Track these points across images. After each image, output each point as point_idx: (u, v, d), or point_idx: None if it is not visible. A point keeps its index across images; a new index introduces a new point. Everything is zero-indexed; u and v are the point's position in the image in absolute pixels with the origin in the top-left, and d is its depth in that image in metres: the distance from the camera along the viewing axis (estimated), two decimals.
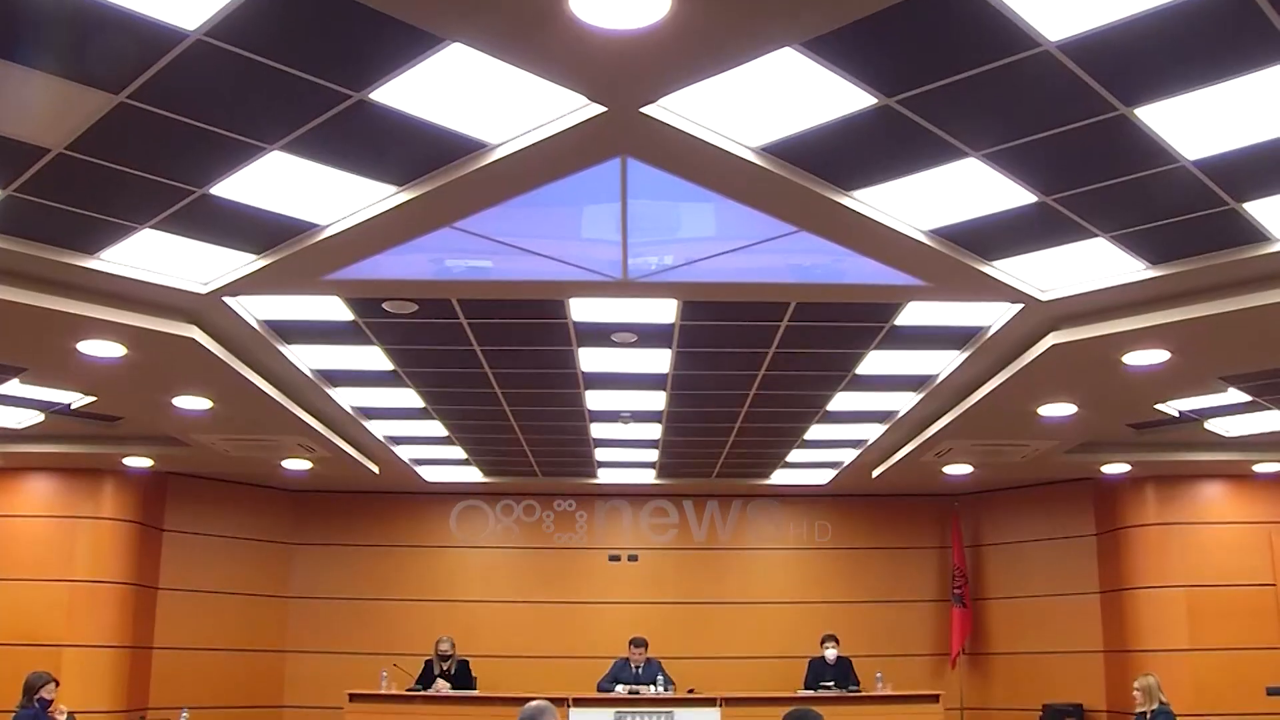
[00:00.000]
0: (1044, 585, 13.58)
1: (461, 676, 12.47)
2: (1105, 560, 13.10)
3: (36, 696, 9.21)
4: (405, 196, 5.55)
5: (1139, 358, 7.80)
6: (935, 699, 12.30)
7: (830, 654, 12.63)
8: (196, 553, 13.34)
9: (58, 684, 9.47)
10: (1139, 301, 7.01)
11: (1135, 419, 10.18)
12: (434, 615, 13.74)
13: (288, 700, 13.91)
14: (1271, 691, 11.68)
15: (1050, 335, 7.54)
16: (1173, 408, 9.60)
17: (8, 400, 9.54)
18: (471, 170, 5.26)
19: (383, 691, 12.21)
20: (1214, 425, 10.32)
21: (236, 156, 5.20)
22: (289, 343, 8.23)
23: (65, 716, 9.52)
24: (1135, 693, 9.72)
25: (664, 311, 7.41)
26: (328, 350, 8.47)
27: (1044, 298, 6.98)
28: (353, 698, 12.10)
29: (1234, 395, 9.13)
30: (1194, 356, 7.83)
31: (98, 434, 10.96)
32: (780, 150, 5.17)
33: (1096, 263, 6.51)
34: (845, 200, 5.60)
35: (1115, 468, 12.08)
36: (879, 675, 12.51)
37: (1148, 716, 9.45)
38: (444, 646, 12.56)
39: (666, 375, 8.93)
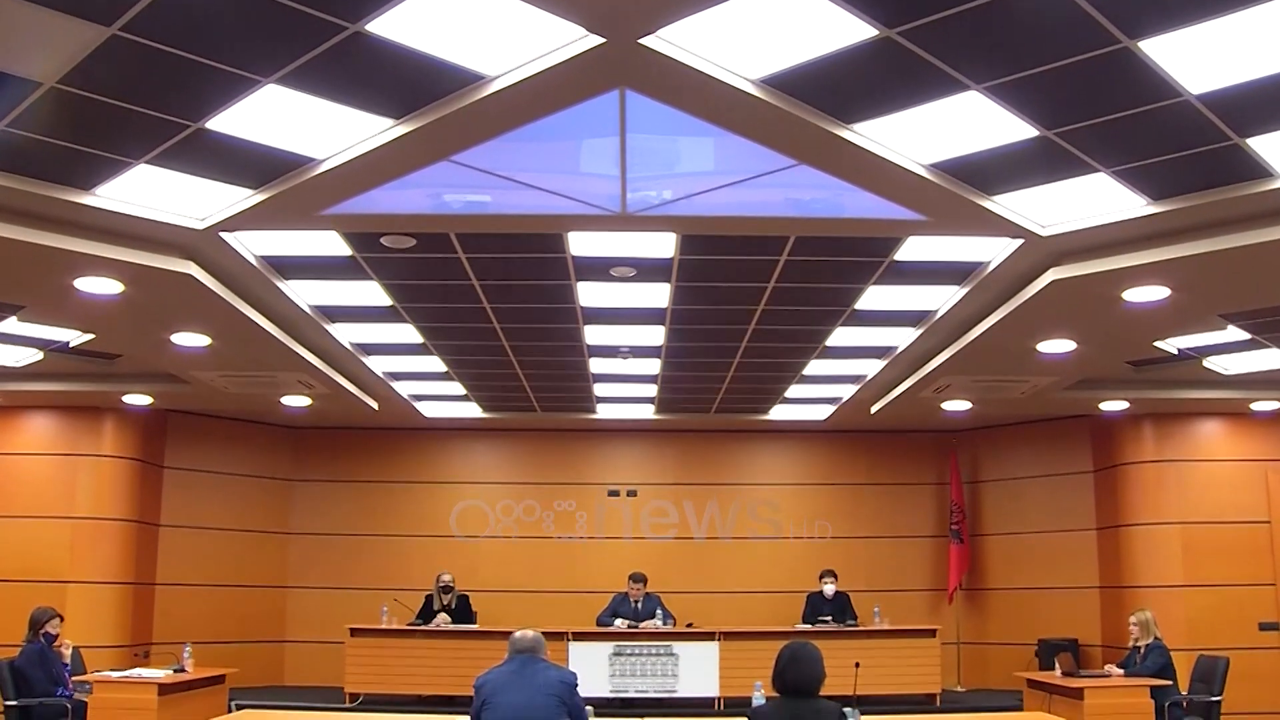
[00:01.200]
0: (1041, 521, 13.66)
1: (462, 611, 12.57)
2: (1102, 497, 13.17)
3: (42, 631, 9.30)
4: (402, 130, 5.51)
5: (1139, 294, 7.79)
6: (932, 633, 12.41)
7: (828, 589, 12.72)
8: (197, 489, 13.41)
9: (62, 619, 9.56)
10: (1140, 237, 6.98)
11: (1134, 356, 10.18)
12: (434, 550, 13.84)
13: (289, 635, 14.05)
14: (1264, 626, 11.84)
15: (1050, 271, 7.51)
16: (1172, 345, 9.59)
17: (6, 338, 9.53)
18: (469, 103, 5.22)
19: (383, 626, 12.32)
20: (1212, 363, 10.31)
21: (232, 90, 5.16)
22: (287, 278, 8.21)
23: (70, 651, 9.63)
24: (1130, 627, 9.81)
25: (663, 246, 7.38)
26: (326, 286, 8.45)
27: (1044, 233, 6.95)
28: (354, 632, 12.21)
29: (1233, 333, 9.12)
30: (1194, 293, 7.81)
31: (97, 372, 10.97)
32: (780, 82, 5.12)
33: (1097, 198, 6.47)
34: (845, 133, 5.56)
35: (1113, 405, 12.10)
36: (877, 610, 12.61)
37: (1142, 651, 9.53)
38: (444, 581, 12.65)
39: (665, 310, 8.91)
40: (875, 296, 8.51)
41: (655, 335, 9.76)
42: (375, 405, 12.52)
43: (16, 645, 9.37)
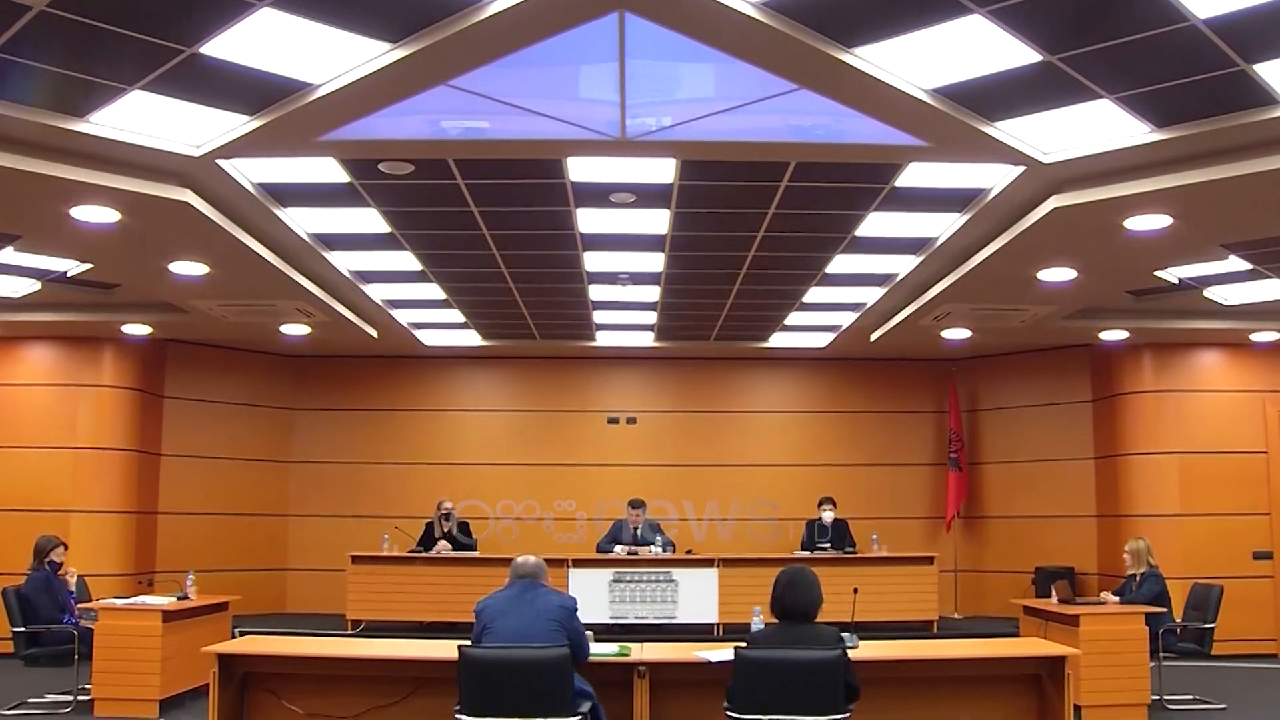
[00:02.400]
0: (1039, 450, 13.71)
1: (462, 538, 12.65)
2: (1100, 426, 13.21)
3: (47, 559, 9.36)
4: (399, 54, 5.45)
5: (1141, 223, 7.76)
6: (930, 561, 12.49)
7: (827, 516, 12.78)
8: (198, 419, 13.45)
9: (66, 547, 9.62)
10: (1143, 165, 6.93)
11: (1135, 285, 10.15)
12: (435, 478, 13.89)
13: (291, 563, 14.15)
14: (1258, 555, 11.92)
15: (1052, 198, 7.47)
16: (1172, 275, 9.57)
17: (3, 269, 9.50)
18: (466, 26, 5.15)
19: (384, 554, 12.40)
20: (1213, 293, 10.30)
21: (226, 13, 5.09)
22: (284, 206, 8.16)
23: (75, 579, 9.69)
24: (1125, 556, 9.86)
25: (663, 171, 7.33)
26: (324, 213, 8.40)
27: (1046, 160, 6.90)
28: (355, 560, 12.29)
29: (1235, 263, 9.10)
30: (1196, 222, 7.78)
31: (95, 301, 10.94)
32: (780, 5, 5.06)
33: (1100, 125, 6.42)
34: (846, 57, 5.50)
35: (1113, 334, 12.10)
36: (875, 537, 12.69)
37: (1137, 579, 9.60)
38: (445, 508, 12.71)
39: (665, 236, 8.88)
40: (875, 223, 8.47)
41: (655, 261, 9.74)
42: (375, 333, 12.51)
43: (22, 574, 9.43)
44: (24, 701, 9.09)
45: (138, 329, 11.96)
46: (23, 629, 8.99)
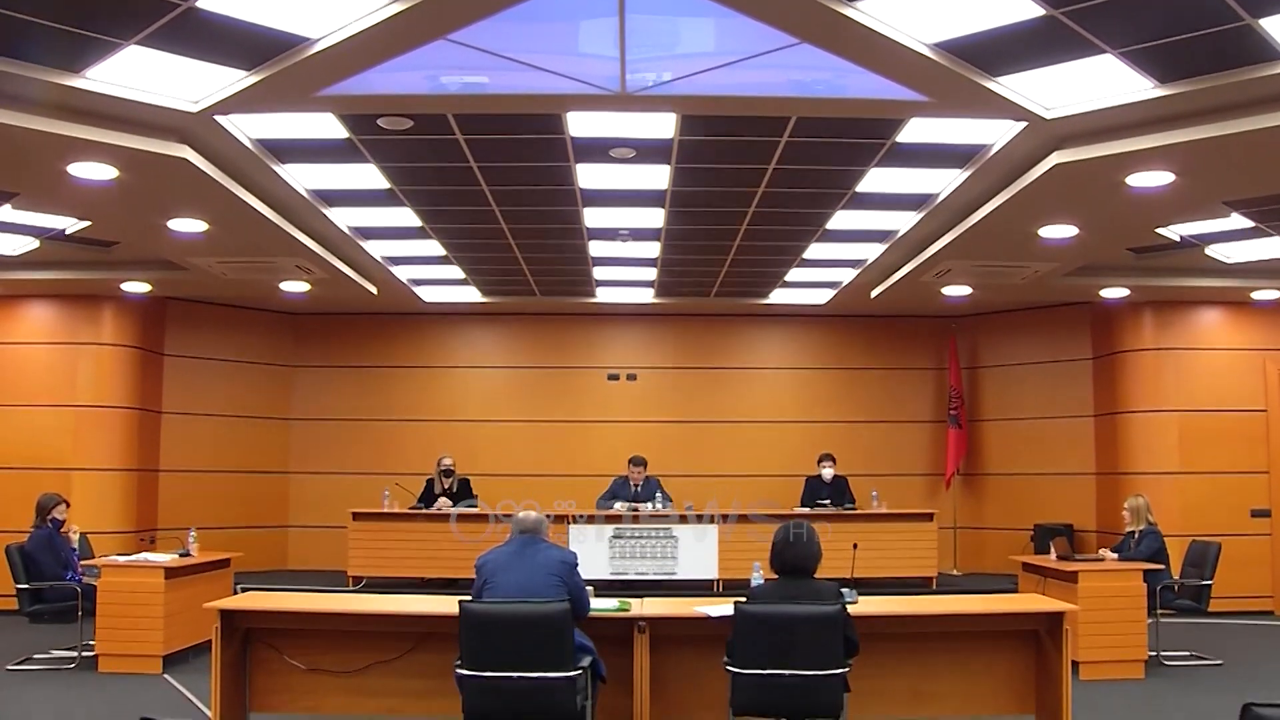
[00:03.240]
0: (1039, 408, 13.73)
1: (463, 494, 12.68)
2: (1100, 384, 13.21)
3: (49, 517, 9.41)
4: (398, 7, 5.41)
5: (1143, 179, 7.73)
6: (929, 517, 12.54)
7: (827, 473, 12.82)
8: (198, 376, 13.45)
9: (68, 505, 9.67)
10: (1145, 121, 6.88)
11: (1136, 243, 10.13)
12: (435, 434, 13.91)
13: (292, 520, 14.20)
14: (1256, 513, 11.96)
15: (1053, 155, 7.43)
16: (1174, 232, 9.55)
17: (1, 226, 9.48)
18: None
19: (385, 510, 12.45)
20: (1214, 251, 10.27)
21: None
22: (283, 162, 8.13)
23: (77, 536, 9.74)
24: (1124, 513, 9.89)
25: (663, 126, 7.29)
26: (323, 169, 8.37)
27: (1048, 116, 6.86)
28: (356, 516, 12.34)
29: (1237, 220, 9.08)
30: (1198, 179, 7.76)
31: (94, 259, 10.93)
32: None
33: (1103, 80, 6.37)
34: (848, 11, 5.45)
35: (1114, 292, 12.08)
36: (874, 494, 12.73)
37: (1136, 536, 9.63)
38: (445, 464, 12.74)
39: (665, 192, 8.85)
40: (876, 179, 8.44)
41: (655, 217, 9.71)
42: (374, 290, 12.49)
43: (25, 531, 9.49)
44: (30, 657, 9.17)
45: (137, 287, 11.94)
46: (26, 586, 9.06)
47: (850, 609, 5.74)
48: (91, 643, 8.93)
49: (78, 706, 7.67)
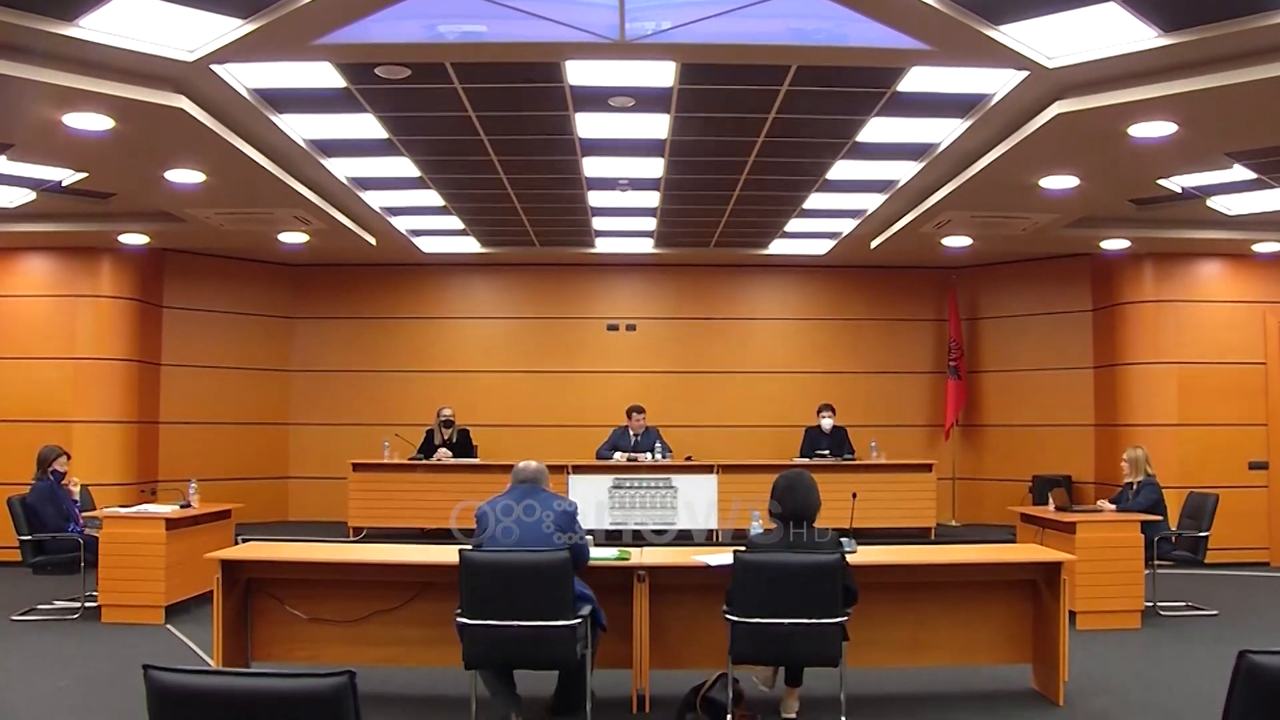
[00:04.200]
0: (1038, 359, 13.73)
1: (462, 445, 12.73)
2: (1100, 336, 13.21)
3: (50, 469, 9.44)
4: None
5: (1145, 130, 7.68)
6: (928, 468, 12.59)
7: (826, 423, 12.85)
8: (197, 329, 13.44)
9: (69, 457, 9.69)
10: (1148, 71, 6.83)
11: (1137, 194, 10.09)
12: (434, 385, 13.93)
13: (293, 471, 14.24)
14: (1254, 465, 11.99)
15: (1055, 104, 7.38)
16: (1176, 183, 9.50)
17: None
18: None
19: (385, 461, 12.48)
20: (1216, 203, 10.23)
21: None
22: (280, 112, 8.07)
23: (79, 488, 9.77)
24: (1123, 464, 9.91)
25: (662, 75, 7.24)
26: (320, 119, 8.31)
27: (1050, 65, 6.80)
28: (356, 467, 12.39)
29: (1239, 172, 9.04)
30: (1201, 130, 7.71)
31: (92, 211, 10.89)
32: None
33: (1106, 29, 6.31)
34: None
35: (1114, 243, 12.05)
36: (874, 444, 12.77)
37: (1134, 488, 9.65)
38: (445, 415, 12.77)
39: (665, 141, 8.80)
40: (877, 129, 8.39)
41: (654, 167, 9.66)
42: (373, 241, 12.45)
43: (26, 483, 9.51)
44: (34, 608, 9.23)
45: (135, 239, 11.90)
46: (29, 537, 9.10)
47: (849, 559, 5.77)
48: (94, 593, 8.98)
49: (81, 656, 7.71)
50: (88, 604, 9.04)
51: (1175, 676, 7.29)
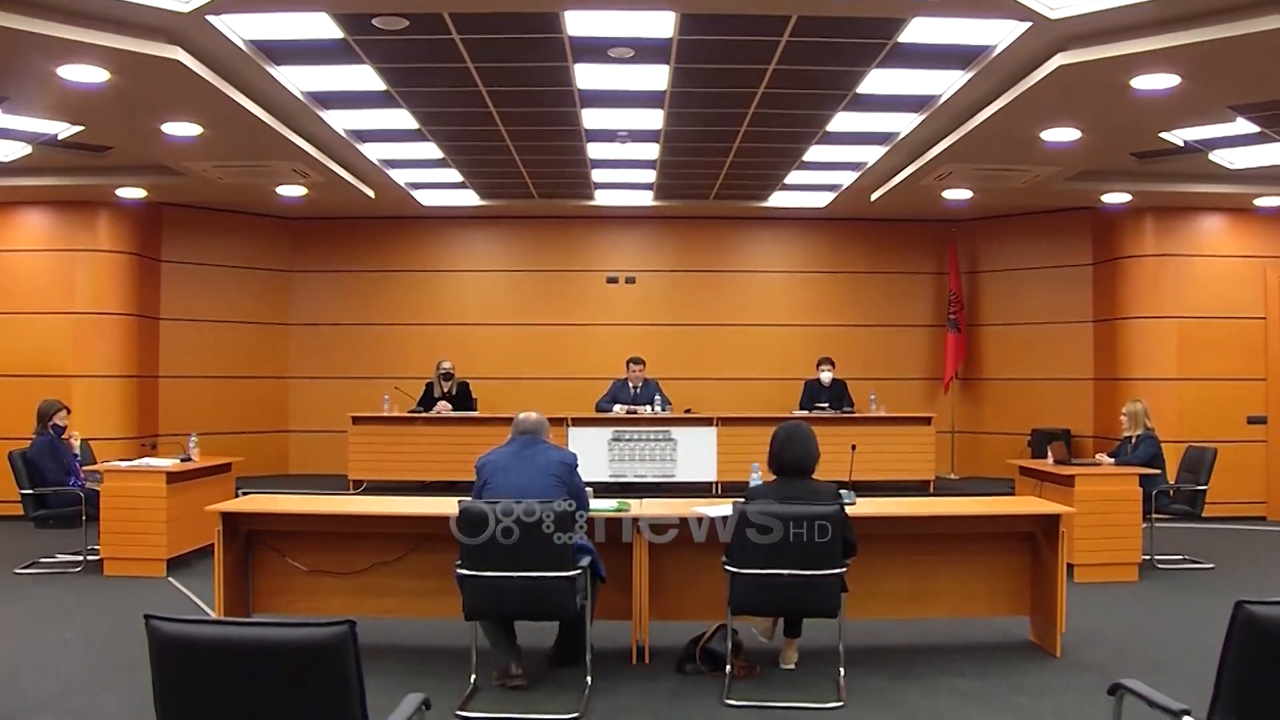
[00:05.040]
0: (1038, 313, 13.73)
1: (462, 398, 12.76)
2: (1100, 290, 13.19)
3: (50, 423, 9.45)
4: None
5: (1148, 82, 7.64)
6: (928, 421, 12.63)
7: (825, 376, 12.86)
8: (196, 283, 13.43)
9: (69, 411, 9.70)
10: (1152, 22, 6.79)
11: (1139, 148, 10.04)
12: (434, 339, 13.94)
13: (292, 425, 14.27)
14: (1252, 420, 12.01)
15: (1058, 56, 7.33)
16: (1178, 137, 9.45)
17: None
18: None
19: (385, 414, 12.50)
20: (1218, 157, 10.18)
21: None
22: (277, 64, 8.01)
23: (79, 442, 9.78)
24: (1122, 418, 9.92)
25: (662, 25, 7.18)
26: (318, 71, 8.26)
27: (1053, 15, 6.75)
28: (356, 420, 12.42)
29: (1242, 126, 8.98)
30: (1205, 82, 7.66)
31: (88, 165, 10.83)
32: None
33: None
34: None
35: (1115, 197, 12.01)
36: (873, 397, 12.80)
37: (1133, 441, 9.67)
38: (445, 368, 12.78)
39: (664, 93, 8.75)
40: (878, 80, 8.34)
41: (654, 119, 9.61)
42: (372, 194, 12.41)
43: (26, 438, 9.53)
44: (36, 561, 9.26)
45: (132, 193, 11.85)
46: (30, 491, 9.12)
47: (848, 510, 5.77)
48: (96, 547, 9.01)
49: (84, 609, 7.75)
50: (89, 557, 9.07)
51: (1172, 629, 7.33)
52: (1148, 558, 9.23)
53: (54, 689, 5.79)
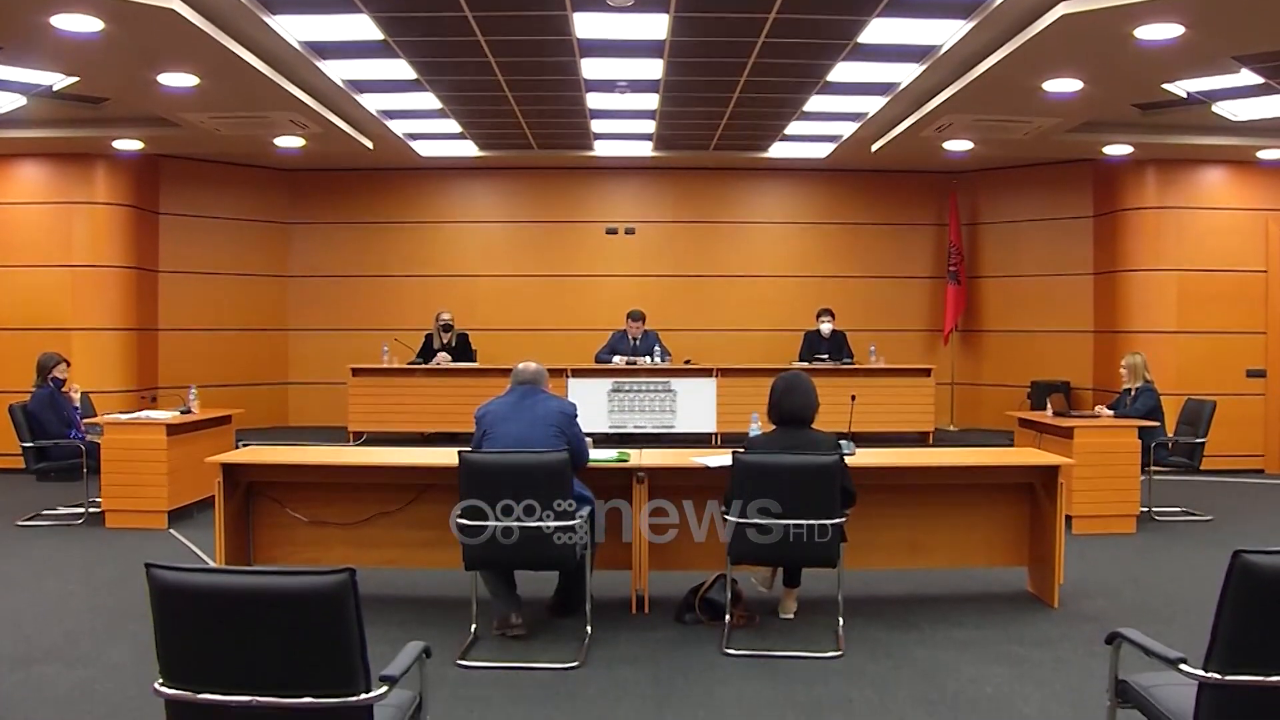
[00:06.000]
0: (1039, 265, 13.70)
1: (461, 349, 12.76)
2: (1101, 242, 13.16)
3: (50, 375, 9.48)
4: None
5: (1151, 32, 7.57)
6: (927, 373, 12.64)
7: (825, 327, 12.86)
8: (194, 235, 13.39)
9: (69, 364, 9.71)
10: None
11: (1142, 99, 9.97)
12: (433, 290, 13.92)
13: (292, 377, 14.27)
14: (1251, 373, 12.01)
15: (1060, 5, 7.28)
16: (1181, 88, 9.38)
17: None
18: None
19: (384, 365, 12.51)
20: (1222, 108, 10.11)
21: None
22: (274, 13, 7.94)
23: (79, 395, 9.80)
24: (1122, 371, 9.93)
25: None
26: (315, 20, 8.18)
27: None
28: (355, 372, 12.43)
29: (1246, 77, 8.91)
30: (1209, 32, 7.60)
31: (85, 116, 10.78)
32: None
33: None
34: None
35: (1117, 149, 11.95)
36: (873, 349, 12.80)
37: (1132, 394, 9.68)
38: (444, 319, 12.77)
39: (664, 42, 8.68)
40: (879, 29, 8.27)
41: (653, 69, 9.54)
42: (370, 144, 12.34)
43: (26, 391, 9.55)
44: (38, 513, 9.29)
45: (129, 144, 11.78)
46: (31, 444, 9.14)
47: (848, 460, 5.78)
48: (97, 499, 9.05)
49: (86, 560, 7.79)
50: (91, 509, 9.10)
51: (1169, 580, 7.36)
52: (1146, 510, 9.27)
53: (58, 639, 5.83)
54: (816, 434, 5.86)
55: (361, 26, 8.23)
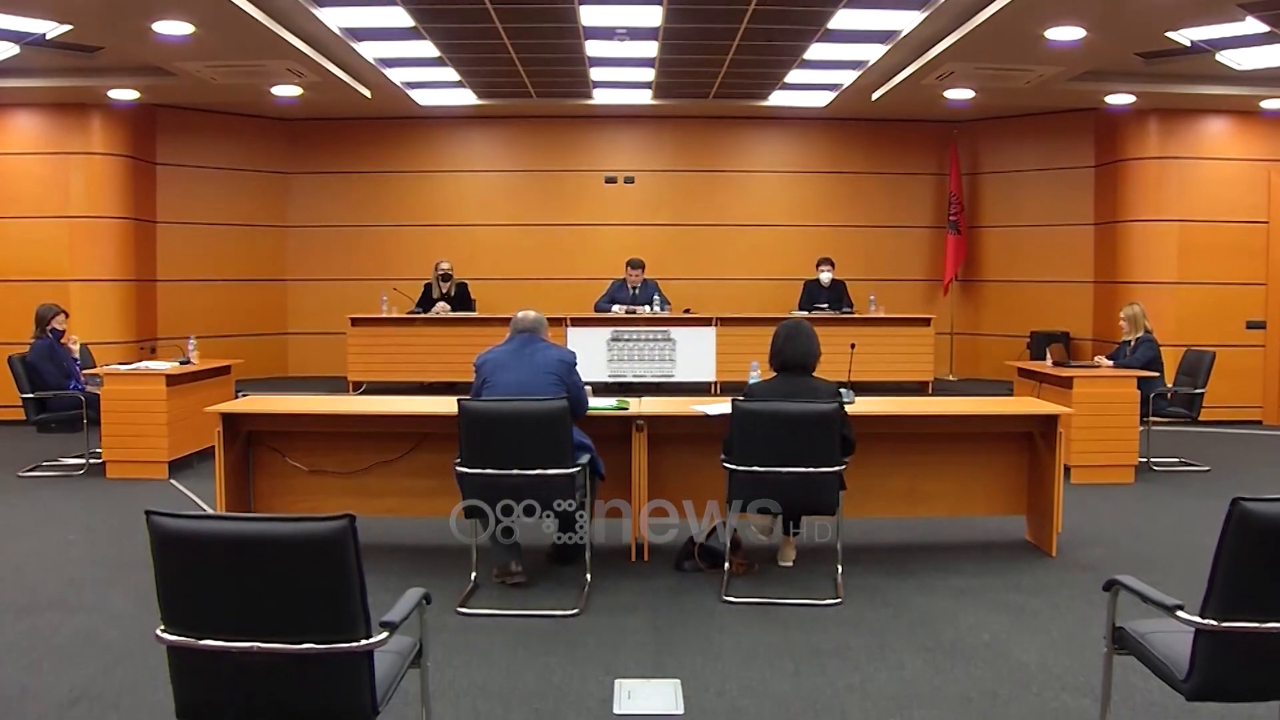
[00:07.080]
0: (1039, 215, 13.66)
1: (461, 299, 12.74)
2: (1101, 192, 13.11)
3: (49, 327, 9.48)
4: None
5: None
6: (927, 322, 12.64)
7: (825, 276, 12.84)
8: (192, 185, 13.33)
9: (67, 315, 9.71)
10: None
11: (1145, 47, 9.89)
12: (432, 240, 13.87)
13: (291, 327, 14.26)
14: (1251, 325, 12.01)
15: None
16: (1185, 36, 9.30)
17: None
18: None
19: (383, 315, 12.50)
20: (1226, 57, 10.02)
21: None
22: None
23: (78, 346, 9.80)
24: (1121, 321, 9.92)
25: None
26: None
27: None
28: (354, 322, 12.41)
29: (1251, 25, 8.82)
30: None
31: (79, 66, 10.69)
32: None
33: None
34: None
35: (1119, 98, 11.88)
36: (872, 298, 12.80)
37: (1132, 344, 9.67)
38: (443, 268, 12.75)
39: None
40: None
41: (652, 15, 9.46)
42: (368, 94, 12.25)
43: (25, 343, 9.55)
44: (39, 465, 9.31)
45: (125, 94, 11.70)
46: (31, 395, 9.15)
47: (847, 409, 5.78)
48: (98, 450, 9.07)
49: (87, 510, 7.82)
50: (92, 460, 9.12)
51: (1167, 529, 7.40)
52: (1144, 460, 9.29)
53: (60, 587, 5.86)
54: (817, 381, 5.87)
55: None
